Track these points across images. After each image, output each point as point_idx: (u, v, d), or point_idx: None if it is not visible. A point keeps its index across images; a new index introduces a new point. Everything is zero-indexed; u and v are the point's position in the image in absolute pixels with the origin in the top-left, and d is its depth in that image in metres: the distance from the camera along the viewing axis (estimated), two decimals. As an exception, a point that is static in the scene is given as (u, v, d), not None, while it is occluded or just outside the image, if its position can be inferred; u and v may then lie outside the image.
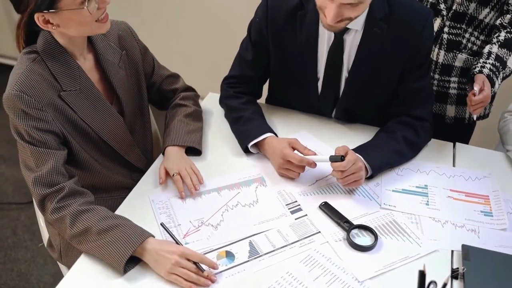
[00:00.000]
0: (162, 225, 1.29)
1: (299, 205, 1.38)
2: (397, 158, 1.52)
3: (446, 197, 1.44)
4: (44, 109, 1.26)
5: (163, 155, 1.50)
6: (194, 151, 1.53)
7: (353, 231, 1.30)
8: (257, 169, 1.50)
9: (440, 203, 1.42)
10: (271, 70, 1.64)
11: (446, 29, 1.66)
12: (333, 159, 1.35)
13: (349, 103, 1.61)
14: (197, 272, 1.16)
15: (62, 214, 1.23)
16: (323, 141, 1.61)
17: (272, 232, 1.30)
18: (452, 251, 1.28)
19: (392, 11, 1.44)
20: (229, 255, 1.24)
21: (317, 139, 1.62)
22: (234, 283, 1.17)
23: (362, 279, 1.19)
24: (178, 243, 1.24)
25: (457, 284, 1.20)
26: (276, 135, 1.54)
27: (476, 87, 1.48)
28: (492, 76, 1.53)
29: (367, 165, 1.42)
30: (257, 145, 1.53)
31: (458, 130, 1.82)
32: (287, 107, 1.74)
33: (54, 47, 1.30)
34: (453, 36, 1.67)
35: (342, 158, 1.34)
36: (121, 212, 1.34)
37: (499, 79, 1.56)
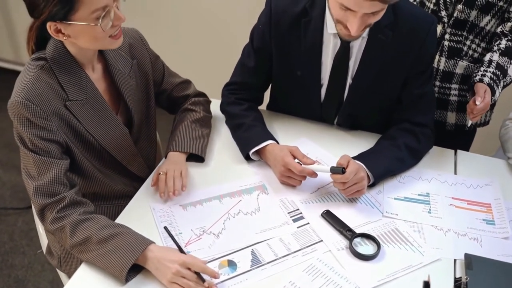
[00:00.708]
0: (166, 228, 1.28)
1: (301, 213, 1.37)
2: (399, 165, 1.51)
3: (448, 205, 1.44)
4: (49, 118, 1.25)
5: (165, 158, 1.50)
6: (198, 157, 1.52)
7: (356, 240, 1.29)
8: (259, 176, 1.49)
9: (442, 211, 1.42)
10: (273, 76, 1.63)
11: (447, 36, 1.66)
12: (334, 170, 1.34)
13: (352, 110, 1.61)
14: (197, 282, 1.15)
15: (62, 224, 1.22)
16: (324, 148, 1.61)
17: (274, 241, 1.29)
18: (455, 260, 1.28)
19: (397, 18, 1.44)
20: (231, 264, 1.23)
21: (318, 146, 1.61)
22: (236, 293, 1.17)
23: (365, 288, 1.18)
24: (180, 249, 1.22)
25: (461, 293, 1.20)
26: (278, 142, 1.53)
27: (478, 100, 1.47)
28: (492, 84, 1.53)
29: (369, 174, 1.42)
30: (258, 152, 1.52)
31: (459, 137, 1.82)
32: (288, 113, 1.73)
33: (64, 56, 1.28)
34: (454, 43, 1.67)
35: (343, 170, 1.33)
36: (121, 220, 1.33)
37: (499, 87, 1.56)
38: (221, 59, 1.88)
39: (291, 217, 1.36)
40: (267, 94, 1.74)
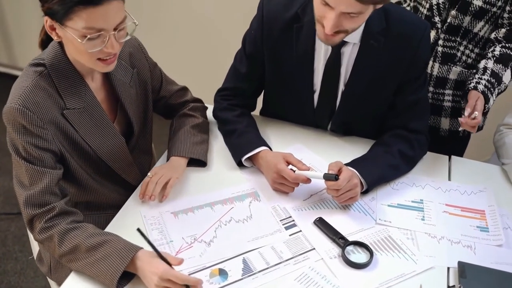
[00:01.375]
0: (139, 230, 1.16)
1: (293, 220, 1.36)
2: (392, 172, 1.50)
3: (442, 212, 1.43)
4: (45, 127, 1.23)
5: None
6: (199, 162, 1.52)
7: (348, 248, 1.28)
8: (251, 183, 1.48)
9: (436, 218, 1.41)
10: (266, 82, 1.62)
11: (440, 41, 1.65)
12: (327, 177, 1.33)
13: (345, 116, 1.60)
14: None
15: (50, 233, 1.21)
16: (318, 154, 1.59)
17: (266, 249, 1.28)
18: (448, 268, 1.27)
19: (389, 24, 1.43)
20: (222, 273, 1.21)
21: (312, 152, 1.60)
22: (227, 302, 1.15)
23: (357, 297, 1.17)
24: (159, 254, 1.15)
25: (454, 302, 1.19)
26: (270, 149, 1.52)
27: (467, 111, 1.46)
28: (487, 92, 1.52)
29: (362, 180, 1.41)
30: (251, 158, 1.51)
31: (453, 143, 1.81)
32: (282, 119, 1.72)
33: (63, 63, 1.26)
34: (447, 49, 1.66)
35: (336, 177, 1.32)
36: (112, 227, 1.32)
37: (494, 95, 1.55)
38: (216, 64, 1.87)
39: (283, 224, 1.35)
40: (260, 100, 1.73)
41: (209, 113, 1.68)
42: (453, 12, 1.60)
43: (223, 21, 2.74)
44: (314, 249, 1.29)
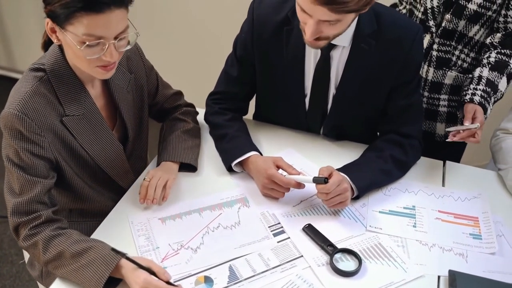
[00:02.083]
0: (126, 257, 1.15)
1: (282, 227, 1.34)
2: (384, 177, 1.48)
3: (434, 219, 1.40)
4: (43, 134, 1.22)
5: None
6: (190, 167, 1.50)
7: (337, 255, 1.26)
8: (241, 188, 1.46)
9: (428, 225, 1.38)
10: (257, 85, 1.60)
11: (435, 46, 1.63)
12: (316, 180, 1.32)
13: (337, 120, 1.58)
14: None
15: (34, 239, 1.20)
16: (310, 158, 1.57)
17: (253, 256, 1.26)
18: (439, 277, 1.24)
19: (380, 27, 1.40)
20: (208, 280, 1.20)
21: (303, 157, 1.58)
22: (211, 311, 1.14)
23: (344, 306, 1.15)
24: (138, 265, 1.13)
25: (443, 312, 1.17)
26: (261, 154, 1.50)
27: (467, 122, 1.43)
28: (484, 103, 1.49)
29: (353, 186, 1.39)
30: (241, 164, 1.49)
31: (449, 148, 1.78)
32: (274, 123, 1.70)
33: (63, 68, 1.25)
34: (442, 53, 1.63)
35: (326, 180, 1.30)
36: (99, 232, 1.31)
37: (490, 104, 1.52)
38: (211, 68, 1.86)
39: (271, 231, 1.33)
40: (252, 104, 1.71)
41: (201, 117, 1.67)
42: (447, 16, 1.58)
43: (219, 24, 2.73)
44: (302, 256, 1.27)
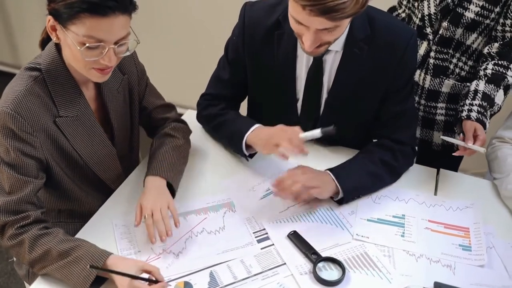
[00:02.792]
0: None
1: (267, 233, 1.32)
2: (372, 180, 1.45)
3: (424, 229, 1.38)
4: (35, 134, 1.22)
5: (144, 185, 1.38)
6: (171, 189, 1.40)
7: (320, 264, 1.23)
8: (228, 192, 1.44)
9: (417, 235, 1.35)
10: (249, 89, 1.59)
11: (432, 53, 1.60)
12: (325, 132, 1.30)
13: (329, 125, 1.55)
14: None
15: (20, 238, 1.19)
16: (302, 163, 1.54)
17: (235, 262, 1.24)
18: (424, 288, 1.22)
19: (373, 31, 1.38)
20: (188, 286, 1.18)
21: (296, 161, 1.55)
22: (189, 317, 1.12)
23: (324, 317, 1.13)
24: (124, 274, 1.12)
25: (426, 325, 1.14)
26: None
27: (470, 142, 1.41)
28: (481, 118, 1.45)
29: (338, 187, 1.37)
30: (249, 140, 1.46)
31: (446, 157, 1.74)
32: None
33: (59, 68, 1.24)
34: (439, 61, 1.60)
35: (334, 127, 1.28)
36: (82, 234, 1.30)
37: (487, 117, 1.48)
38: (206, 70, 1.84)
39: (256, 237, 1.31)
40: (244, 107, 1.69)
41: (193, 119, 1.65)
42: (444, 24, 1.54)
43: (217, 26, 2.71)
44: (285, 264, 1.25)
